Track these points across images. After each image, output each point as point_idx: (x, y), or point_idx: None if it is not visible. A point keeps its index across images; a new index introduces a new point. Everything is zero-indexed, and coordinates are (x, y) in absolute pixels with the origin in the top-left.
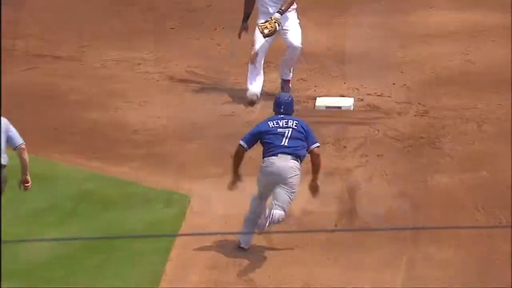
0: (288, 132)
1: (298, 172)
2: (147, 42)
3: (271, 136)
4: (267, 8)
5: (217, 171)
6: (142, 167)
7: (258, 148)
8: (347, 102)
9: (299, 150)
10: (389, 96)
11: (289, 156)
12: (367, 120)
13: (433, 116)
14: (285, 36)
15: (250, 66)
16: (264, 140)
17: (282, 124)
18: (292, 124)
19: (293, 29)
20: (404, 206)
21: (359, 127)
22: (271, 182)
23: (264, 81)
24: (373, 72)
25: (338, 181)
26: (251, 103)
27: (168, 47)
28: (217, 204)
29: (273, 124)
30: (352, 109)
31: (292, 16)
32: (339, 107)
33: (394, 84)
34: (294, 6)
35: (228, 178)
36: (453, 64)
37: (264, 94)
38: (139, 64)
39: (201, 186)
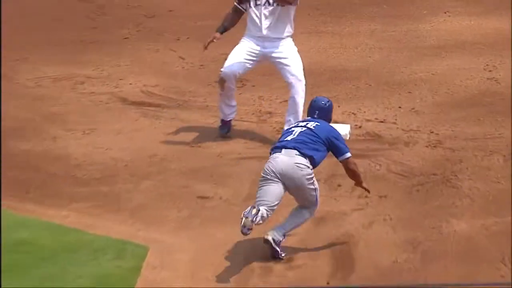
0: (300, 130)
1: (308, 170)
2: (94, 55)
3: (285, 132)
4: (260, 31)
5: (180, 214)
6: (87, 210)
7: (227, 188)
8: (341, 130)
9: (307, 148)
10: (393, 123)
11: (294, 151)
12: (366, 152)
13: (449, 147)
14: (283, 67)
15: (219, 95)
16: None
17: (301, 124)
18: (311, 125)
19: (293, 59)
20: (412, 258)
21: (357, 160)
22: (274, 181)
23: (238, 104)
24: (374, 93)
25: (331, 228)
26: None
27: (120, 61)
28: (180, 255)
29: (294, 124)
30: (348, 138)
31: (288, 43)
32: None
33: (400, 107)
34: (291, 30)
35: (195, 222)
36: (472, 83)
37: (239, 119)
38: (83, 82)
39: (160, 233)
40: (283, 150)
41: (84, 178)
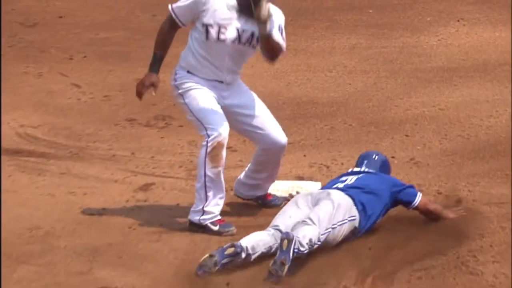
0: (355, 176)
1: (353, 214)
2: None
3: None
4: (220, 76)
5: None
6: None
7: (142, 275)
8: (309, 189)
9: (361, 194)
10: None
11: (343, 193)
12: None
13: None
14: (258, 131)
15: (212, 172)
16: None
17: (352, 171)
18: (368, 170)
19: (264, 115)
20: None
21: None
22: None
23: (158, 153)
24: (356, 136)
25: None
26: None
27: None
28: None
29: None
30: None
31: (242, 87)
32: None
33: (393, 157)
34: (240, 68)
35: None
36: (497, 122)
37: (160, 175)
38: None
39: None
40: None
41: None
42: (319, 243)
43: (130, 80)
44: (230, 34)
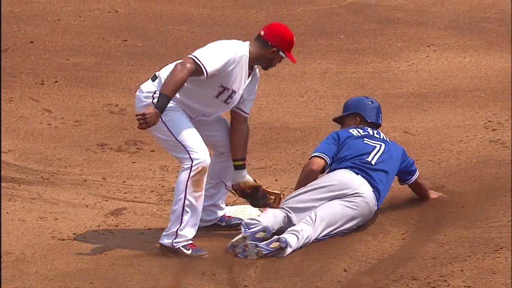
0: (381, 147)
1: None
2: None
3: (353, 143)
4: (195, 117)
5: None
6: None
7: None
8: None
9: (384, 185)
10: None
11: (371, 188)
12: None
13: (435, 239)
14: (222, 133)
15: (193, 196)
16: (340, 150)
17: (373, 133)
18: (387, 138)
19: (225, 119)
20: None
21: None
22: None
23: (130, 178)
24: None
25: None
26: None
27: None
28: None
29: (357, 132)
30: None
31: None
32: None
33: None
34: None
35: None
36: (468, 147)
37: (132, 200)
38: None
39: None
40: (360, 177)
41: None
42: (310, 242)
43: (101, 105)
44: (235, 99)
